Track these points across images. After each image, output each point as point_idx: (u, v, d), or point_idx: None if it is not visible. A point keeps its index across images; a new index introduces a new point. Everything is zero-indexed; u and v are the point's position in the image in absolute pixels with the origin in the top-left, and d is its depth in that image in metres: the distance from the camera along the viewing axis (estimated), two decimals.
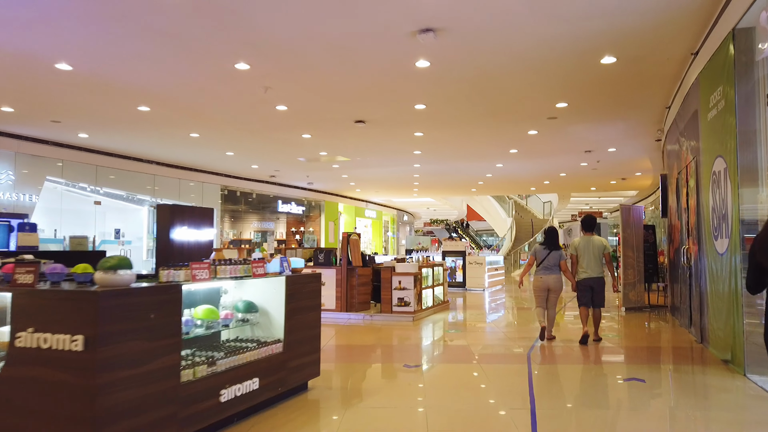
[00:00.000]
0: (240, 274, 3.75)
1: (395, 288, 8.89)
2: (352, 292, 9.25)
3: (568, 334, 7.79)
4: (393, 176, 18.48)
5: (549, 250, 7.10)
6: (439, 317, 9.40)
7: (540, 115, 9.94)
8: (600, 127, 10.92)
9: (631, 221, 10.52)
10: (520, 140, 12.19)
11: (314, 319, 4.55)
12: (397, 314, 8.87)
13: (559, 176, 18.24)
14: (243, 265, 3.77)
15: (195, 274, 3.28)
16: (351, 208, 26.06)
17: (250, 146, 12.91)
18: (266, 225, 23.54)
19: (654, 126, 10.77)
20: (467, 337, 7.54)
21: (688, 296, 7.60)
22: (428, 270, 9.72)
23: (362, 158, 14.66)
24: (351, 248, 9.27)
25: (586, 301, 6.96)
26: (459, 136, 11.81)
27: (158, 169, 15.03)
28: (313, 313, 4.53)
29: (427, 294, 9.62)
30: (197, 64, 7.18)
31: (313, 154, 13.92)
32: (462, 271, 15.40)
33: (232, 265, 3.68)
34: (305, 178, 18.98)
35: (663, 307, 10.88)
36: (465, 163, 15.62)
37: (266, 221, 23.99)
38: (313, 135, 11.55)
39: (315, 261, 9.54)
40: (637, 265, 10.52)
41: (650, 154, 14.05)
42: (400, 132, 11.27)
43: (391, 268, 8.94)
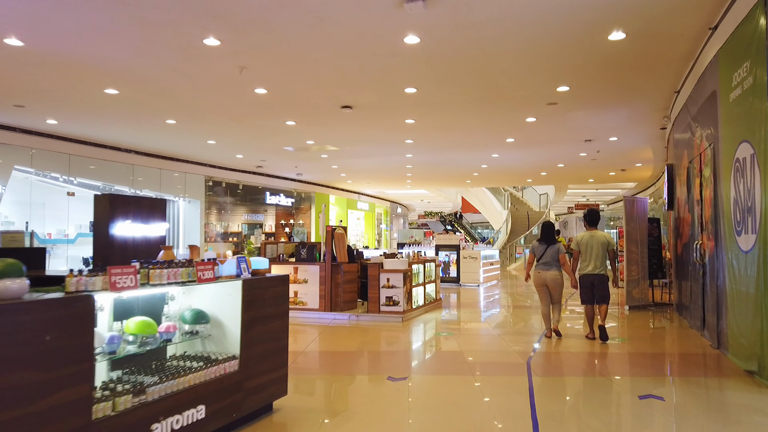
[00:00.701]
0: (182, 279, 3.08)
1: (383, 286, 8.24)
2: (337, 290, 8.60)
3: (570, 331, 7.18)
4: (385, 167, 17.78)
5: (546, 245, 6.92)
6: (430, 317, 8.76)
7: (539, 101, 9.27)
8: (602, 113, 10.26)
9: (634, 214, 9.89)
10: (518, 128, 11.52)
11: (280, 329, 3.89)
12: (385, 314, 8.22)
13: (557, 167, 17.60)
14: (185, 268, 3.09)
15: (115, 281, 2.60)
16: (343, 200, 25.36)
17: (232, 134, 12.19)
18: (255, 217, 22.85)
19: (660, 113, 10.12)
20: (460, 340, 6.90)
21: (701, 296, 6.98)
22: (419, 266, 9.07)
23: (352, 147, 13.96)
24: (336, 243, 8.60)
25: (589, 299, 6.79)
26: (453, 124, 11.13)
27: (137, 158, 14.28)
28: (279, 321, 3.87)
29: (417, 292, 8.98)
30: (162, 39, 6.46)
31: (300, 142, 13.21)
32: (456, 266, 14.77)
33: (171, 269, 3.00)
34: (293, 169, 18.27)
35: (667, 305, 10.29)
36: (459, 153, 14.95)
37: (255, 213, 23.29)
38: (298, 122, 10.84)
39: (297, 256, 8.87)
40: (641, 261, 9.90)
41: (653, 144, 13.42)
42: (390, 119, 10.58)
43: (379, 265, 8.29)
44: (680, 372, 5.38)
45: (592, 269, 6.77)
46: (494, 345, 6.63)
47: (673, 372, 5.41)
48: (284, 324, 3.94)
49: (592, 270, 6.77)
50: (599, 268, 6.77)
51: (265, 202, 19.91)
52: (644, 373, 5.35)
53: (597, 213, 7.27)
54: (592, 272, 6.76)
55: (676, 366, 5.70)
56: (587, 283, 6.78)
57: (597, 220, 7.17)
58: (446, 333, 7.33)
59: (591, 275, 6.76)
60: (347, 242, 9.30)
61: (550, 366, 5.53)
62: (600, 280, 6.77)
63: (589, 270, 6.78)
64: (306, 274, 8.64)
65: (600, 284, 6.76)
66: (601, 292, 6.78)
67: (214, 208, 20.86)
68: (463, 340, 6.87)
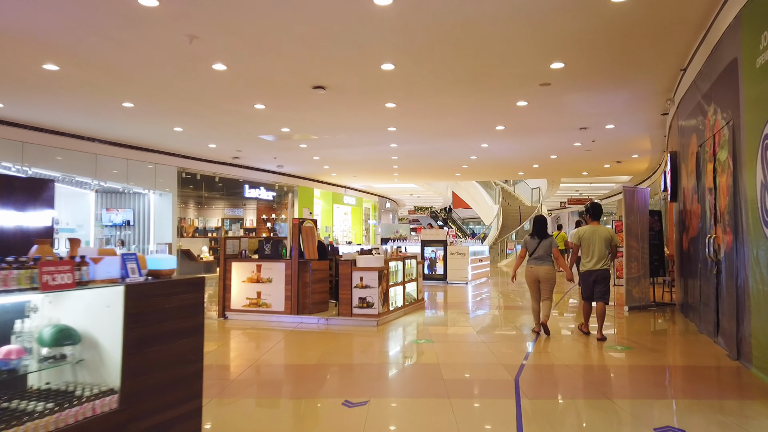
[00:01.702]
0: (18, 285, 2.15)
1: (356, 286, 7.33)
2: (304, 290, 7.68)
3: (564, 333, 6.33)
4: (369, 158, 16.86)
5: (539, 240, 6.77)
6: (410, 320, 7.86)
7: (531, 81, 8.38)
8: (599, 97, 9.39)
9: (635, 206, 9.04)
10: (508, 114, 10.63)
11: (191, 349, 2.97)
12: (358, 318, 7.32)
13: (550, 159, 16.74)
14: (23, 270, 2.17)
15: None
16: (328, 194, 24.40)
17: (198, 120, 11.21)
18: (236, 212, 21.95)
19: (662, 95, 9.26)
20: (440, 349, 6.01)
21: (714, 297, 6.13)
22: (397, 264, 8.17)
23: (331, 136, 13.02)
24: (304, 237, 7.68)
25: (589, 296, 6.59)
26: (437, 109, 10.22)
27: (101, 147, 13.27)
28: (189, 339, 2.95)
29: (396, 292, 8.08)
30: (93, 1, 5.51)
31: (274, 130, 12.25)
32: (443, 263, 13.88)
33: None
34: (272, 160, 17.29)
35: (670, 305, 9.45)
36: (447, 143, 14.05)
37: (236, 208, 22.37)
38: (268, 105, 9.89)
39: (260, 253, 7.93)
40: (642, 257, 9.05)
41: (652, 132, 12.58)
42: (368, 102, 9.65)
43: (351, 262, 7.38)
44: (698, 392, 4.50)
45: (594, 264, 6.52)
46: (479, 356, 5.74)
47: (690, 392, 4.53)
48: (196, 342, 3.02)
49: (595, 265, 6.52)
50: (602, 264, 6.52)
51: (244, 196, 18.90)
52: (655, 393, 4.48)
53: (600, 206, 7.02)
54: (594, 268, 6.52)
55: (692, 383, 4.82)
56: (589, 280, 6.56)
57: (600, 214, 6.93)
58: (424, 340, 6.43)
59: (594, 271, 6.52)
60: (318, 237, 8.39)
61: (543, 384, 4.64)
62: (603, 276, 6.52)
63: (592, 266, 6.53)
64: (270, 273, 7.72)
65: (602, 280, 6.52)
66: (602, 289, 6.52)
67: (191, 202, 19.93)
68: (442, 350, 5.97)
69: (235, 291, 7.89)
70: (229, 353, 5.95)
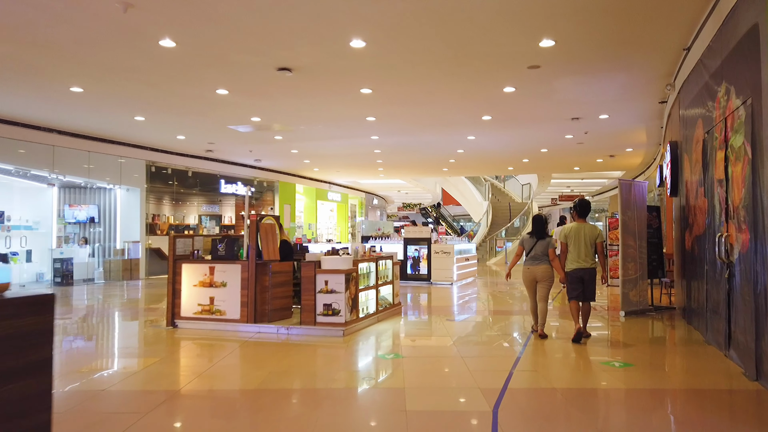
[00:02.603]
0: None
1: (320, 290, 6.49)
2: (263, 295, 6.82)
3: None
4: (351, 152, 16.00)
5: (536, 239, 6.61)
6: (382, 329, 7.03)
7: (519, 62, 7.56)
8: (593, 82, 8.60)
9: (632, 201, 8.25)
10: (494, 102, 9.82)
11: (28, 398, 2.11)
12: (322, 326, 6.48)
13: (540, 152, 15.97)
14: None
15: None
16: (311, 190, 23.52)
17: (159, 107, 10.31)
18: (215, 208, 21.06)
19: (662, 80, 8.47)
20: (409, 368, 5.17)
21: (725, 304, 5.34)
22: (369, 265, 7.33)
23: (307, 127, 12.15)
24: (263, 236, 6.82)
25: (577, 295, 6.36)
26: (417, 96, 9.38)
27: (59, 138, 12.31)
28: (25, 383, 2.09)
29: (368, 297, 7.24)
30: None
31: (243, 119, 11.36)
32: (427, 262, 13.07)
33: None
34: (248, 154, 16.38)
35: (669, 309, 8.69)
36: (431, 135, 13.21)
37: (215, 204, 21.48)
38: (231, 90, 9.01)
39: (213, 253, 7.06)
40: (640, 257, 8.27)
41: (648, 123, 11.83)
42: (341, 87, 8.80)
43: (315, 264, 6.53)
44: (716, 426, 3.70)
45: (581, 263, 6.36)
46: (454, 376, 4.90)
47: (707, 426, 3.73)
48: (40, 385, 2.15)
49: (582, 264, 6.35)
50: (589, 263, 6.38)
51: (220, 191, 17.96)
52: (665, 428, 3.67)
53: (588, 203, 6.76)
54: (582, 266, 6.35)
55: (707, 413, 4.02)
56: (577, 278, 6.37)
57: (588, 211, 6.67)
58: (393, 355, 5.59)
59: (581, 270, 6.35)
60: (283, 235, 7.54)
61: (528, 419, 3.81)
62: (590, 275, 6.37)
63: (578, 264, 6.37)
64: (225, 276, 6.85)
65: (590, 280, 6.37)
66: (589, 288, 6.39)
67: (166, 198, 18.99)
68: (412, 368, 5.13)
69: (185, 296, 7.02)
70: (160, 372, 5.09)
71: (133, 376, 4.91)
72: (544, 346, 6.10)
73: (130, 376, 4.91)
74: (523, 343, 6.20)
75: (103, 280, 13.94)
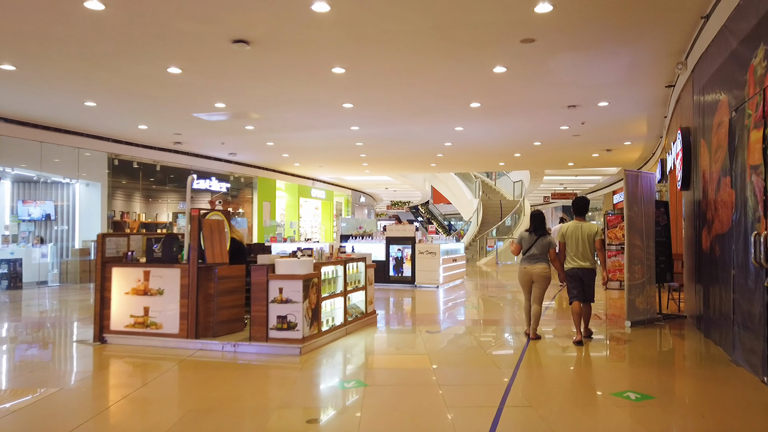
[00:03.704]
0: None
1: (273, 300, 5.42)
2: (207, 305, 5.74)
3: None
4: (331, 145, 14.92)
5: (536, 237, 6.27)
6: (349, 344, 5.98)
7: (511, 33, 6.53)
8: (594, 59, 7.59)
9: (638, 194, 7.25)
10: (483, 85, 8.78)
11: None
12: (276, 343, 5.42)
13: (533, 146, 14.98)
14: None
15: None
16: (293, 187, 22.41)
17: (107, 90, 9.18)
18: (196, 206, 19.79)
19: (672, 59, 7.48)
20: (371, 402, 4.09)
21: (764, 320, 4.34)
22: (336, 269, 6.26)
23: (278, 115, 11.06)
24: (207, 235, 5.74)
25: (577, 294, 6.11)
26: (397, 77, 8.32)
27: (3, 127, 11.13)
28: None
29: (333, 306, 6.18)
30: None
31: (205, 105, 10.25)
32: (411, 263, 12.03)
33: None
34: (221, 147, 15.25)
35: (679, 318, 7.70)
36: (416, 126, 12.17)
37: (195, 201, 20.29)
38: (184, 69, 7.91)
39: (148, 255, 5.96)
40: (647, 259, 7.27)
41: (650, 112, 10.85)
42: (309, 64, 7.72)
43: (267, 269, 5.45)
44: None
45: (579, 263, 6.09)
46: (426, 416, 3.81)
47: None
48: None
49: (580, 264, 6.09)
50: (589, 262, 6.11)
51: (192, 188, 16.74)
52: None
53: (586, 200, 6.43)
54: (581, 266, 6.09)
55: None
56: (575, 277, 6.13)
57: (586, 209, 6.37)
58: (354, 383, 4.52)
59: (579, 269, 6.10)
60: (235, 233, 6.46)
61: None
62: (589, 275, 6.13)
63: (576, 264, 6.11)
64: (161, 282, 5.76)
65: (589, 280, 6.13)
66: (589, 289, 6.15)
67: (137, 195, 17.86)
68: (374, 404, 4.05)
69: (116, 306, 5.92)
70: (48, 409, 3.99)
71: (11, 416, 3.81)
72: (542, 368, 5.07)
73: (7, 415, 3.81)
74: (516, 363, 5.17)
75: (58, 282, 12.78)
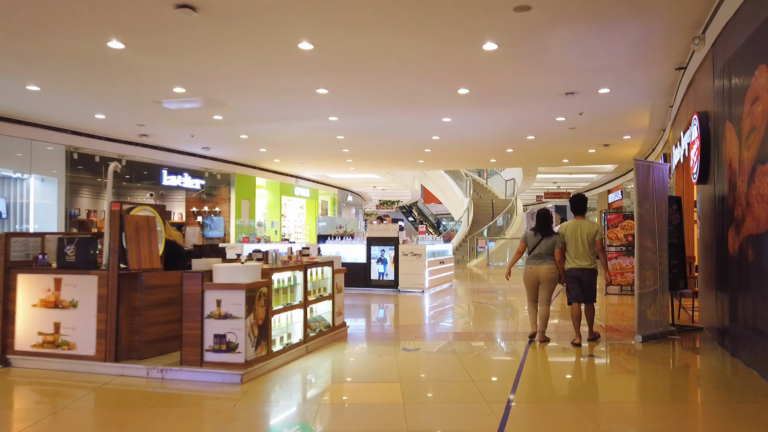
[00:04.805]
0: None
1: (209, 315, 4.38)
2: (132, 321, 4.69)
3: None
4: (311, 139, 13.87)
5: (541, 236, 6.14)
6: (307, 368, 4.94)
7: (503, 4, 5.54)
8: (598, 34, 6.60)
9: (650, 188, 6.28)
10: (472, 66, 7.78)
11: None
12: (213, 368, 4.37)
13: (526, 140, 14.01)
14: None
15: None
16: (275, 185, 21.32)
17: (48, 72, 8.08)
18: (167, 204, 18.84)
19: (686, 33, 6.51)
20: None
21: None
22: (294, 275, 5.23)
23: (245, 102, 10.00)
24: (131, 235, 4.68)
25: (576, 295, 6.02)
26: (373, 54, 7.28)
27: None
28: None
29: (290, 320, 5.14)
30: None
31: (161, 90, 9.16)
32: (393, 266, 11.01)
33: None
34: (191, 140, 14.15)
35: (695, 330, 6.74)
36: (400, 116, 11.16)
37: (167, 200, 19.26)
38: (127, 43, 6.84)
39: (60, 259, 4.89)
40: (660, 263, 6.29)
41: (656, 100, 9.91)
42: (270, 36, 6.68)
43: (202, 276, 4.41)
44: None
45: (578, 263, 5.97)
46: None
47: None
48: None
49: (579, 264, 5.96)
50: (588, 263, 5.97)
51: (161, 184, 15.67)
52: None
53: (583, 199, 6.26)
54: (579, 266, 5.97)
55: None
56: (574, 278, 6.02)
57: (584, 207, 6.21)
58: (298, 427, 3.50)
59: (578, 269, 5.98)
60: (170, 234, 5.42)
61: None
62: (588, 275, 6.00)
63: (575, 264, 5.99)
64: (75, 292, 4.71)
65: (589, 280, 6.02)
66: (589, 289, 6.04)
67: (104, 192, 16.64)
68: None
69: (22, 321, 4.86)
70: None
71: None
72: (540, 403, 4.07)
73: None
74: (507, 396, 4.17)
75: None
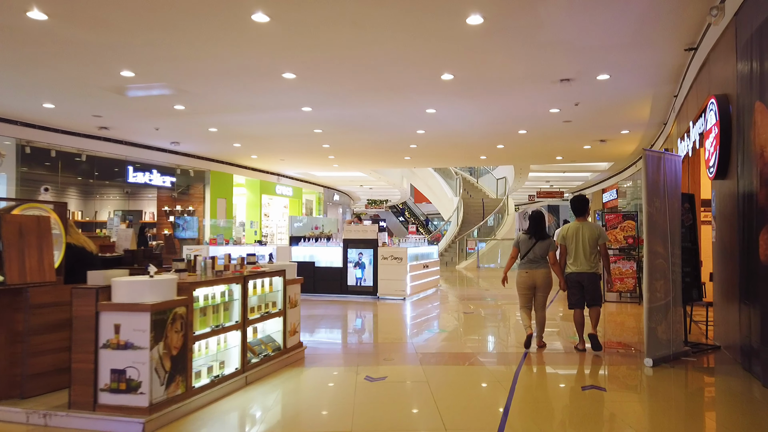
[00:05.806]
0: None
1: (105, 344, 3.38)
2: (13, 349, 3.68)
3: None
4: (286, 133, 12.86)
5: (535, 240, 5.87)
6: (240, 407, 3.93)
7: None
8: (598, 6, 5.66)
9: (660, 184, 5.33)
10: (455, 45, 6.81)
11: None
12: (109, 413, 3.37)
13: (518, 135, 13.08)
14: None
15: None
16: (255, 183, 20.28)
17: None
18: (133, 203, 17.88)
19: (701, 3, 5.58)
20: None
21: None
22: (228, 289, 4.22)
23: (206, 88, 8.98)
24: (12, 241, 3.67)
25: (577, 301, 5.76)
26: (342, 31, 6.29)
27: None
28: None
29: (224, 345, 4.14)
30: None
31: (108, 73, 8.12)
32: (372, 271, 10.04)
33: None
34: (157, 133, 13.09)
35: (712, 349, 5.80)
36: (379, 107, 10.19)
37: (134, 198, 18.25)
38: (50, 12, 5.81)
39: None
40: (673, 272, 5.35)
41: (659, 88, 8.99)
42: (216, 2, 5.67)
43: (96, 292, 3.40)
44: None
45: (580, 267, 5.73)
46: None
47: None
48: None
49: (580, 268, 5.71)
50: (589, 267, 5.72)
51: (127, 181, 14.57)
52: None
53: (584, 199, 6.01)
54: (580, 270, 5.72)
55: None
56: (575, 282, 5.78)
57: (585, 209, 5.95)
58: None
59: (579, 274, 5.74)
60: (74, 238, 4.40)
61: None
62: (590, 279, 5.73)
63: (577, 268, 5.75)
64: None
65: (591, 284, 5.74)
66: (592, 293, 5.74)
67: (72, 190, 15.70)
68: None
69: None
70: None
71: None
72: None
73: None
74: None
75: None
